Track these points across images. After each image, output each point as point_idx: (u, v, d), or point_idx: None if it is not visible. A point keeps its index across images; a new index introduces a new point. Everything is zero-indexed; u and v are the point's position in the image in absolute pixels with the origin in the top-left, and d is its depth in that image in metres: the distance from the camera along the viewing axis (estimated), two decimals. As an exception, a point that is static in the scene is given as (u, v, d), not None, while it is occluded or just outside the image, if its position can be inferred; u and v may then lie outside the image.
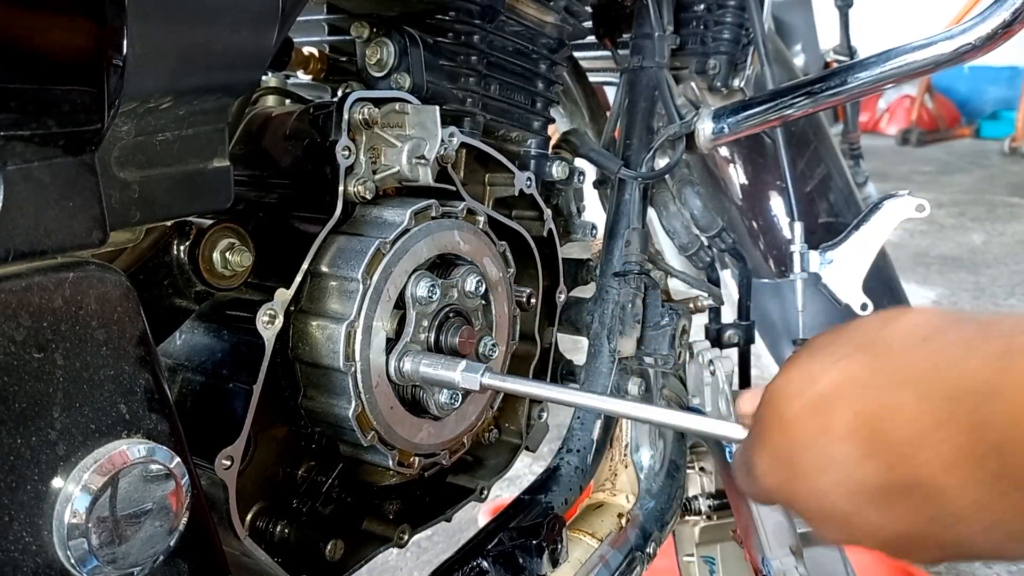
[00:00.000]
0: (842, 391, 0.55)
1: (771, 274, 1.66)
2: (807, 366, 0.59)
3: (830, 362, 0.57)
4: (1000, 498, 0.48)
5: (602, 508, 1.12)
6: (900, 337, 0.55)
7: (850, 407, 0.55)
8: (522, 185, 0.99)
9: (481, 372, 0.79)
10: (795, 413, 0.58)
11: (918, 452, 0.51)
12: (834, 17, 2.32)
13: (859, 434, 0.54)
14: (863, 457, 0.54)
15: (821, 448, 0.56)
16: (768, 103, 1.09)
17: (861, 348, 0.57)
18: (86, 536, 0.52)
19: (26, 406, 0.50)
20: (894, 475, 0.53)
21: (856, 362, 0.56)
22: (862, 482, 0.54)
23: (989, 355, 0.49)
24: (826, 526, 0.60)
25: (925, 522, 0.53)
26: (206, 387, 0.77)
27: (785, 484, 0.59)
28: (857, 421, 0.54)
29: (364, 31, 0.93)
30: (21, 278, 0.50)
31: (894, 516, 0.54)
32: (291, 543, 0.82)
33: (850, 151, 2.45)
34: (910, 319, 0.57)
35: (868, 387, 0.54)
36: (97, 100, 0.52)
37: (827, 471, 0.56)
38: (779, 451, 0.59)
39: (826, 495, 0.56)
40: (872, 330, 0.58)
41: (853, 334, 0.59)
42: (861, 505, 0.55)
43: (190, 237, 0.73)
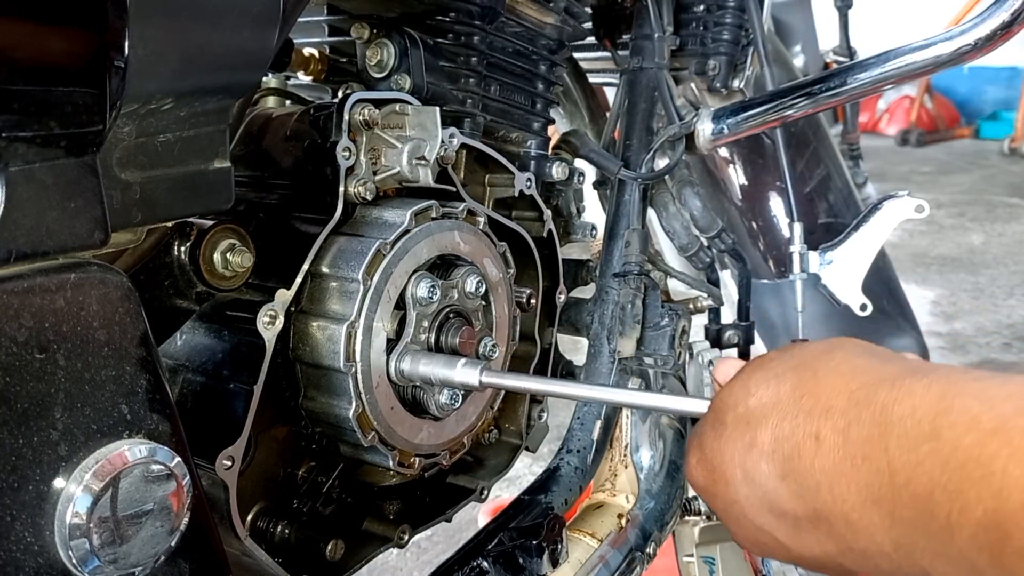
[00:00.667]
0: (766, 411, 0.56)
1: (771, 275, 1.66)
2: (749, 379, 0.59)
3: (766, 378, 0.58)
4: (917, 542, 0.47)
5: (602, 508, 1.12)
6: (828, 369, 0.55)
7: (771, 428, 0.55)
8: (522, 186, 0.99)
9: (480, 369, 0.80)
10: (730, 422, 0.59)
11: (832, 486, 0.51)
12: (833, 18, 2.32)
13: (777, 456, 0.54)
14: (779, 479, 0.54)
15: (744, 462, 0.57)
16: (768, 104, 1.10)
17: (791, 369, 0.57)
18: (87, 536, 0.52)
19: (28, 406, 0.50)
20: (806, 503, 0.53)
21: (785, 383, 0.56)
22: (776, 503, 0.55)
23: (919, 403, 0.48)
24: (742, 535, 0.61)
25: (836, 552, 0.53)
26: (207, 388, 0.77)
27: (710, 486, 0.61)
28: (775, 443, 0.55)
29: (364, 32, 0.93)
30: (23, 279, 0.50)
31: (805, 540, 0.55)
32: (291, 543, 0.82)
33: (849, 152, 2.45)
34: (844, 353, 0.57)
35: (789, 412, 0.55)
36: (99, 101, 0.52)
37: (747, 484, 0.57)
38: (708, 455, 0.60)
39: (743, 507, 0.58)
40: (809, 355, 0.58)
41: (793, 354, 0.59)
42: (776, 522, 0.56)
43: (191, 238, 0.73)
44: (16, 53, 0.48)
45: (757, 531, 0.58)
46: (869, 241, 1.14)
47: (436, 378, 0.82)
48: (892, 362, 0.54)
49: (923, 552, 0.47)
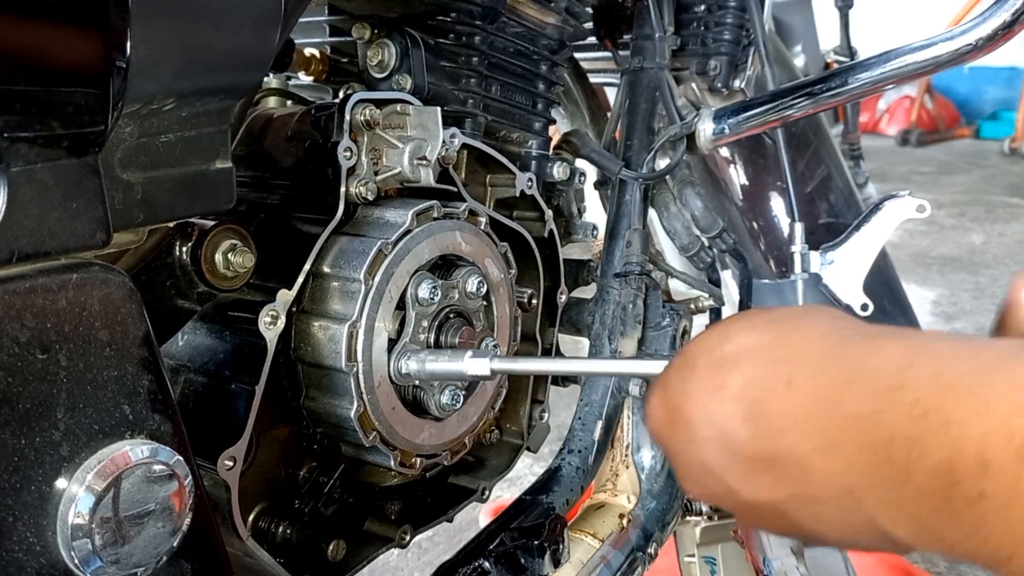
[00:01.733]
0: (741, 357, 0.58)
1: (772, 275, 1.66)
2: (727, 329, 0.61)
3: (744, 328, 0.60)
4: (869, 488, 0.49)
5: (603, 508, 1.12)
6: (807, 324, 0.58)
7: (743, 373, 0.57)
8: (523, 186, 0.99)
9: (490, 357, 0.80)
10: (701, 365, 0.60)
11: (795, 429, 0.53)
12: (834, 18, 2.32)
13: (744, 399, 0.56)
14: (742, 421, 0.56)
15: (709, 403, 0.58)
16: (769, 104, 1.10)
17: (771, 323, 0.59)
18: (90, 537, 0.52)
19: (30, 407, 0.50)
20: (766, 444, 0.54)
21: (763, 334, 0.58)
22: (735, 443, 0.56)
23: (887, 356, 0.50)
24: (690, 478, 0.62)
25: (784, 497, 0.55)
26: (208, 388, 0.77)
27: (668, 426, 0.62)
28: (744, 387, 0.56)
29: (365, 32, 0.93)
30: (25, 279, 0.50)
31: (756, 484, 0.56)
32: (293, 543, 0.82)
33: (850, 152, 2.45)
34: (825, 314, 0.59)
35: (762, 360, 0.57)
36: (101, 102, 0.52)
37: (708, 425, 0.58)
38: (672, 395, 0.62)
39: (699, 447, 0.59)
40: (790, 313, 0.61)
41: (774, 311, 0.62)
42: (729, 465, 0.57)
43: (192, 238, 0.73)
44: (18, 53, 0.48)
45: (707, 474, 0.59)
46: (870, 241, 1.14)
47: (444, 373, 0.82)
48: (867, 325, 0.56)
49: (873, 499, 0.49)
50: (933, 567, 2.26)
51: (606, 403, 1.10)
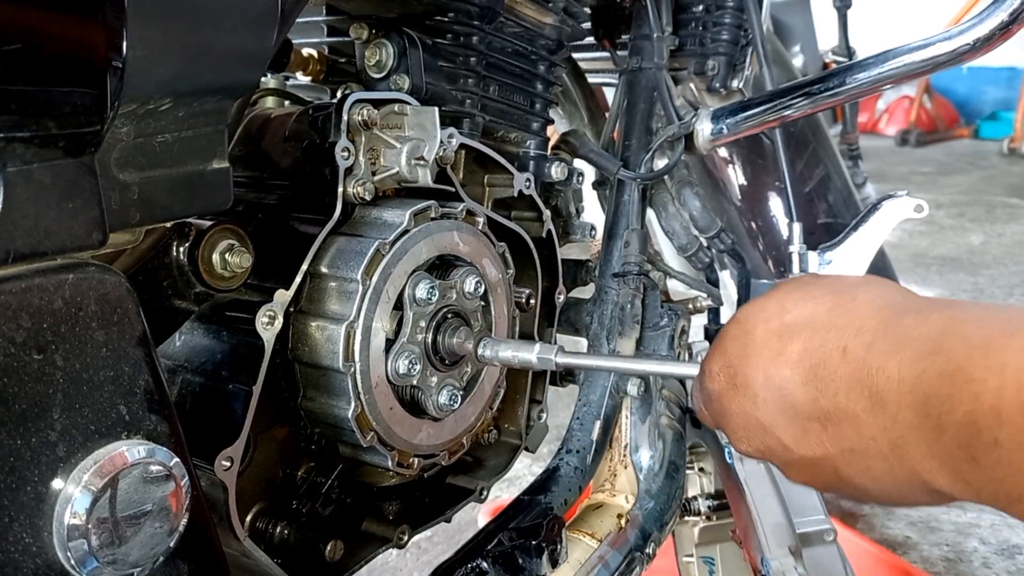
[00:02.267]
0: (802, 326, 0.63)
1: (770, 275, 1.66)
2: (785, 298, 0.66)
3: (802, 299, 0.65)
4: (911, 442, 0.54)
5: (601, 509, 1.12)
6: (865, 296, 0.62)
7: (803, 341, 0.62)
8: (521, 186, 0.99)
9: (555, 352, 0.84)
10: (760, 334, 0.65)
11: (849, 391, 0.58)
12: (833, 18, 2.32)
13: (803, 364, 0.61)
14: (800, 383, 0.61)
15: (768, 368, 0.63)
16: (767, 104, 1.10)
17: (830, 294, 0.64)
18: (86, 537, 0.52)
19: (26, 407, 0.50)
20: (822, 404, 0.60)
21: (822, 305, 0.63)
22: (794, 404, 0.62)
23: (932, 324, 0.55)
24: (747, 436, 0.67)
25: (836, 452, 0.60)
26: (206, 388, 0.77)
27: (727, 390, 0.67)
28: (804, 354, 0.61)
29: (363, 32, 0.93)
30: (21, 279, 0.50)
31: (811, 440, 0.62)
32: (291, 544, 0.82)
33: (849, 152, 2.45)
34: (882, 286, 0.64)
35: (822, 328, 0.62)
36: (97, 102, 0.52)
37: (767, 387, 0.63)
38: (733, 361, 0.67)
39: (759, 405, 0.64)
40: (847, 283, 0.66)
41: (831, 281, 0.66)
42: (786, 423, 0.63)
43: (190, 238, 0.73)
44: (15, 53, 0.48)
45: (764, 432, 0.65)
46: (868, 241, 1.14)
47: (515, 362, 0.87)
48: (921, 299, 0.62)
49: (916, 452, 0.54)
50: (932, 567, 2.26)
51: (604, 403, 1.10)
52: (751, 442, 0.67)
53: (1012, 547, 2.32)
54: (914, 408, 0.53)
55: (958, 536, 2.37)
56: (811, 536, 1.14)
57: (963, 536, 2.37)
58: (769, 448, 0.66)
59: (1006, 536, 2.37)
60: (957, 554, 2.31)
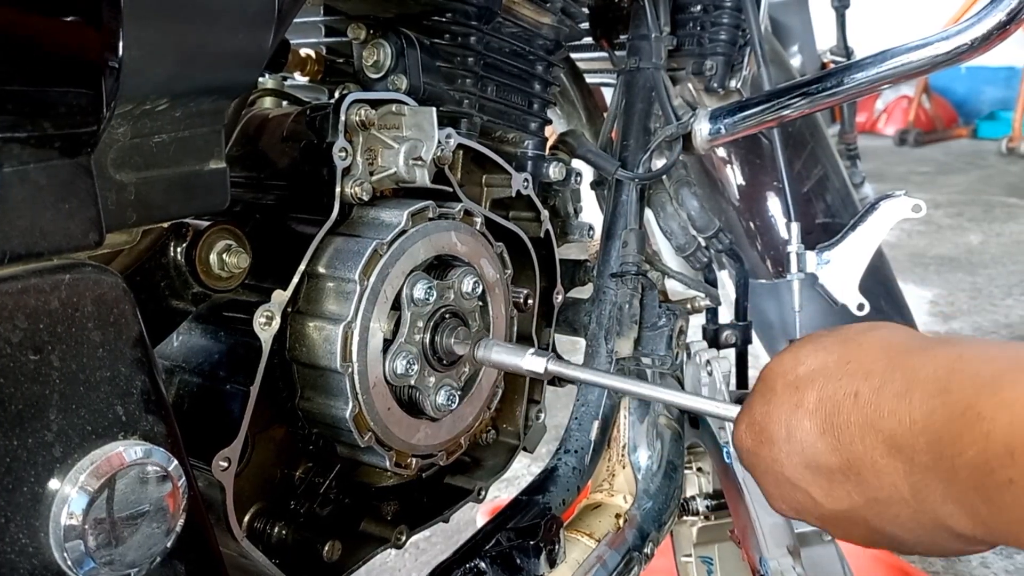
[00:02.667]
0: (815, 376, 0.63)
1: (768, 275, 1.66)
2: (799, 352, 0.67)
3: (815, 350, 0.65)
4: (929, 486, 0.54)
5: (600, 509, 1.12)
6: (872, 341, 0.63)
7: (817, 391, 0.62)
8: (519, 186, 0.99)
9: (547, 360, 0.85)
10: (780, 388, 0.66)
11: (864, 437, 0.58)
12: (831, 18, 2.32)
13: (819, 414, 0.61)
14: (819, 434, 0.61)
15: (790, 421, 0.63)
16: (765, 104, 1.09)
17: (839, 343, 0.65)
18: (83, 538, 0.52)
19: (22, 408, 0.50)
20: (841, 453, 0.59)
21: (832, 353, 0.64)
22: (814, 458, 0.61)
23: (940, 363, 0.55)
24: (779, 494, 0.67)
25: (862, 503, 0.60)
26: (203, 388, 0.77)
27: (756, 447, 0.67)
28: (819, 404, 0.62)
29: (361, 33, 0.93)
30: (17, 280, 0.50)
31: (837, 493, 0.61)
32: (289, 544, 0.82)
33: (847, 152, 2.45)
34: (887, 329, 0.65)
35: (834, 376, 0.62)
36: (93, 102, 0.52)
37: (789, 442, 0.63)
38: (757, 418, 0.67)
39: (784, 464, 0.64)
40: (854, 332, 0.66)
41: (840, 331, 0.67)
42: (812, 478, 0.62)
43: (187, 239, 0.73)
44: (10, 53, 0.48)
45: (794, 489, 0.64)
46: (866, 241, 1.14)
47: (505, 365, 0.87)
48: (926, 338, 0.62)
49: (934, 496, 0.53)
50: (930, 566, 2.26)
51: (603, 403, 1.10)
52: (784, 500, 0.67)
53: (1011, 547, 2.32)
54: (928, 450, 0.53)
55: (957, 536, 2.37)
56: (809, 536, 1.14)
57: (962, 536, 2.36)
58: (801, 504, 0.65)
59: (1004, 536, 2.36)
60: (956, 554, 2.31)
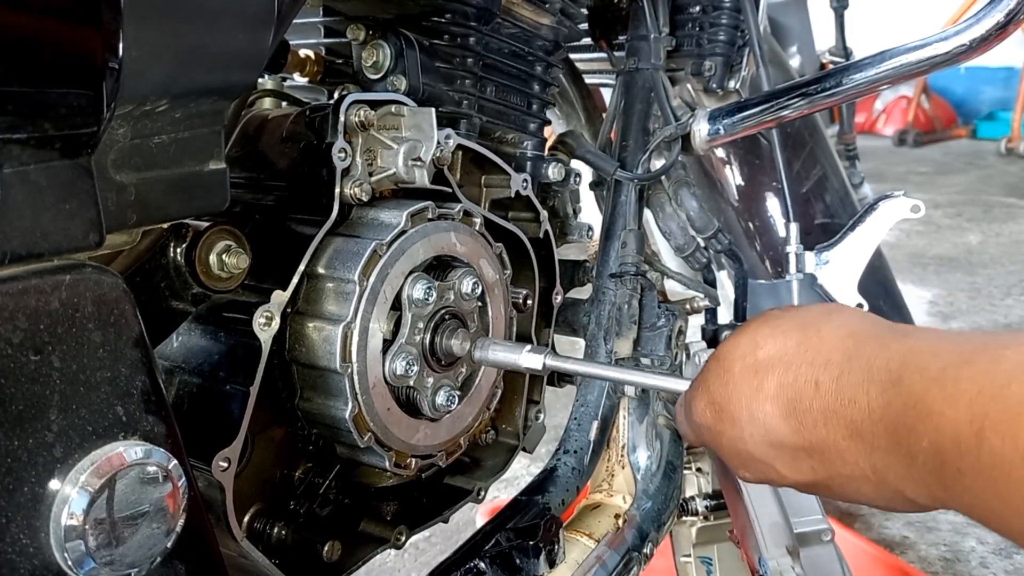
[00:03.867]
0: (775, 362, 0.65)
1: (767, 275, 1.66)
2: (755, 334, 0.69)
3: (771, 333, 0.67)
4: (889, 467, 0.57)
5: (599, 509, 1.12)
6: (828, 327, 0.65)
7: (777, 376, 0.65)
8: (518, 187, 0.99)
9: (545, 355, 0.84)
10: (738, 371, 0.68)
11: (827, 423, 0.61)
12: (830, 19, 2.32)
13: (780, 399, 0.64)
14: (781, 418, 0.64)
15: (751, 404, 0.66)
16: (764, 104, 1.10)
17: (798, 327, 0.66)
18: (83, 538, 0.52)
19: (23, 408, 0.50)
20: (804, 436, 0.63)
21: (790, 338, 0.66)
22: (778, 438, 0.65)
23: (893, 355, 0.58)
24: (742, 465, 0.71)
25: (826, 477, 0.64)
26: (203, 389, 0.77)
27: (715, 426, 0.70)
28: (780, 389, 0.64)
29: (360, 33, 0.93)
30: (18, 280, 0.50)
31: (800, 469, 0.65)
32: (288, 544, 0.82)
33: (846, 152, 2.45)
34: (844, 316, 0.67)
35: (794, 363, 0.64)
36: (93, 103, 0.52)
37: (751, 424, 0.66)
38: (716, 399, 0.69)
39: (747, 442, 0.67)
40: (813, 316, 0.68)
41: (797, 315, 0.69)
42: (775, 454, 0.66)
43: (186, 239, 0.73)
44: (11, 54, 0.48)
45: (758, 463, 0.68)
46: (865, 241, 1.14)
47: (503, 363, 0.87)
48: (881, 325, 0.64)
49: (895, 475, 0.57)
50: (929, 567, 2.26)
51: (602, 403, 1.10)
52: (748, 470, 0.71)
53: (1010, 546, 2.32)
54: (887, 437, 0.57)
55: (956, 536, 2.37)
56: (808, 536, 1.14)
57: (961, 536, 2.37)
58: (765, 475, 0.69)
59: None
60: (955, 554, 2.31)
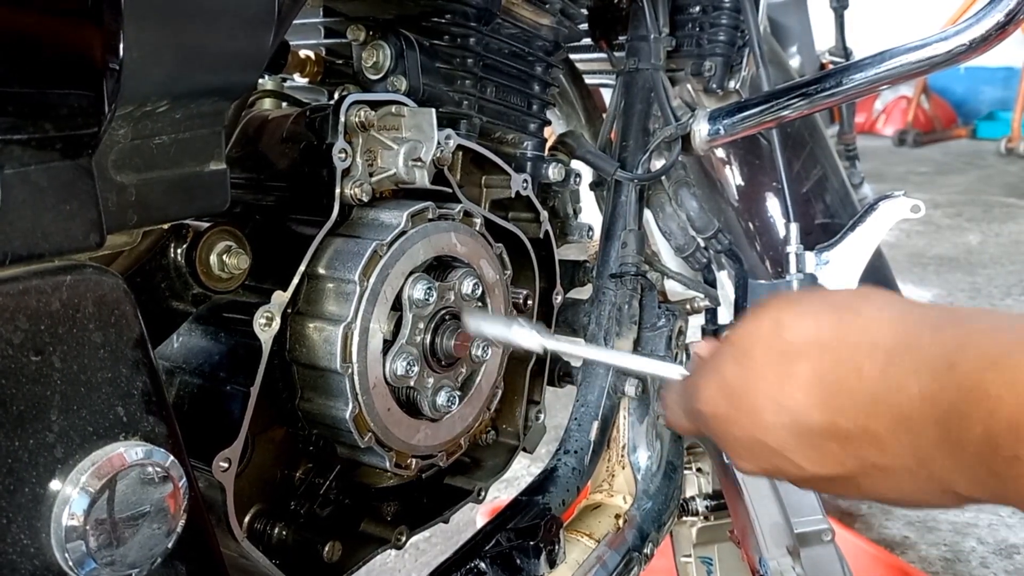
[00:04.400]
0: (807, 347, 0.61)
1: (767, 275, 1.66)
2: (780, 316, 0.64)
3: (800, 316, 0.62)
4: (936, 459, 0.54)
5: (599, 509, 1.12)
6: (872, 309, 0.61)
7: (812, 364, 0.60)
8: (518, 187, 0.99)
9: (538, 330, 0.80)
10: (761, 354, 0.63)
11: (869, 411, 0.57)
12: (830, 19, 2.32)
13: (817, 387, 0.59)
14: (813, 407, 0.59)
15: (778, 392, 0.61)
16: (764, 104, 1.10)
17: (831, 311, 0.62)
18: (84, 538, 0.52)
19: (24, 409, 0.50)
20: (841, 427, 0.58)
21: (825, 322, 0.61)
22: (809, 427, 0.60)
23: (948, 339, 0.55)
24: (751, 458, 0.66)
25: (855, 468, 0.60)
26: (203, 389, 0.77)
27: (727, 414, 0.65)
28: (815, 378, 0.59)
29: (360, 34, 0.93)
30: (19, 281, 0.50)
31: (825, 462, 0.61)
32: (289, 545, 0.82)
33: (846, 152, 2.46)
34: (885, 298, 0.62)
35: (831, 347, 0.60)
36: (94, 104, 0.52)
37: (778, 413, 0.61)
38: (733, 385, 0.65)
39: (766, 432, 0.62)
40: (844, 299, 0.64)
41: (825, 297, 0.65)
42: (798, 444, 0.61)
43: (187, 240, 0.73)
44: (12, 55, 0.48)
45: (773, 454, 0.63)
46: (865, 241, 1.14)
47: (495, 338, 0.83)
48: (931, 309, 0.60)
49: (942, 466, 0.54)
50: (930, 567, 2.26)
51: (602, 403, 1.10)
52: (757, 463, 0.66)
53: (1010, 547, 2.32)
54: (936, 426, 0.53)
55: (956, 536, 2.37)
56: (809, 536, 1.14)
57: (961, 536, 2.37)
58: (778, 468, 0.64)
59: (1004, 536, 2.37)
60: (955, 554, 2.31)
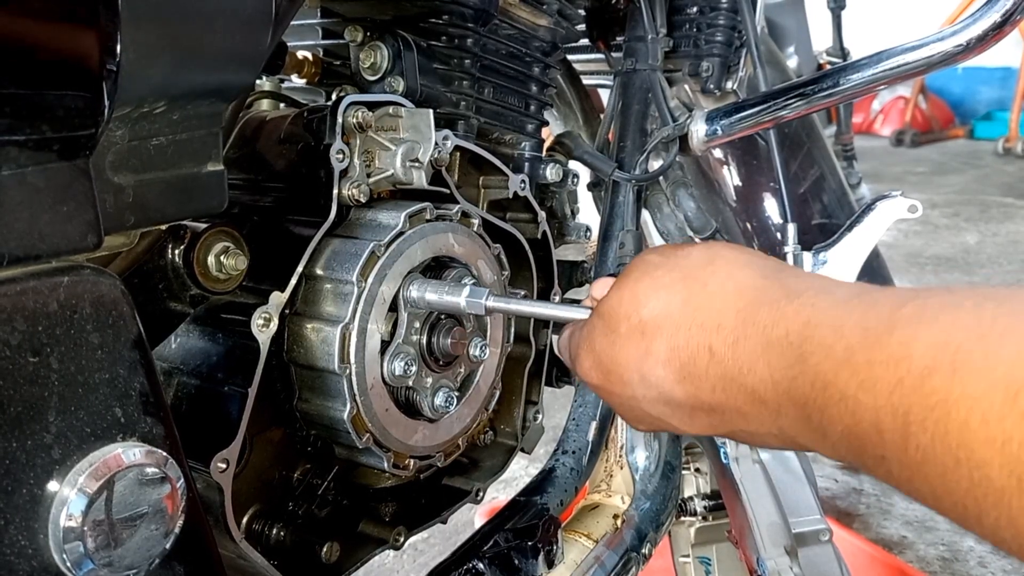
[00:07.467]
0: (661, 322, 0.63)
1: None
2: (636, 289, 0.65)
3: (655, 288, 0.64)
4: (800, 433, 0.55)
5: (598, 509, 1.12)
6: (717, 282, 0.61)
7: (667, 341, 0.62)
8: (516, 187, 0.99)
9: (485, 296, 0.81)
10: (624, 332, 0.65)
11: (725, 388, 0.58)
12: (827, 19, 2.33)
13: (673, 363, 0.61)
14: (676, 382, 0.61)
15: (641, 367, 0.64)
16: (761, 105, 1.10)
17: (680, 281, 0.63)
18: (82, 539, 0.52)
19: (21, 410, 0.50)
20: (702, 399, 0.60)
21: (676, 296, 0.63)
22: (672, 399, 0.62)
23: (791, 326, 0.55)
24: (636, 420, 0.69)
25: (727, 431, 0.62)
26: (201, 390, 0.77)
27: (605, 383, 0.68)
28: (671, 354, 0.61)
29: (358, 35, 0.94)
30: (16, 282, 0.50)
31: (699, 424, 0.63)
32: (287, 546, 0.82)
33: (843, 152, 2.46)
34: (727, 265, 0.62)
35: (683, 325, 0.61)
36: (91, 105, 0.52)
37: (643, 386, 0.64)
38: (603, 360, 0.67)
39: (640, 401, 0.65)
40: (693, 266, 0.64)
41: (677, 265, 0.65)
42: (671, 411, 0.64)
43: (185, 241, 0.73)
44: (8, 56, 0.48)
45: (653, 419, 0.66)
46: (863, 241, 1.14)
47: (443, 305, 0.82)
48: (768, 280, 0.60)
49: (807, 440, 0.55)
50: (928, 566, 2.26)
51: (600, 403, 1.10)
52: (643, 423, 0.69)
53: (1008, 546, 2.32)
54: (795, 410, 0.54)
55: (954, 535, 2.37)
56: (807, 536, 1.14)
57: (959, 535, 2.37)
58: (660, 427, 0.67)
59: (1002, 535, 2.37)
60: (953, 553, 2.31)
